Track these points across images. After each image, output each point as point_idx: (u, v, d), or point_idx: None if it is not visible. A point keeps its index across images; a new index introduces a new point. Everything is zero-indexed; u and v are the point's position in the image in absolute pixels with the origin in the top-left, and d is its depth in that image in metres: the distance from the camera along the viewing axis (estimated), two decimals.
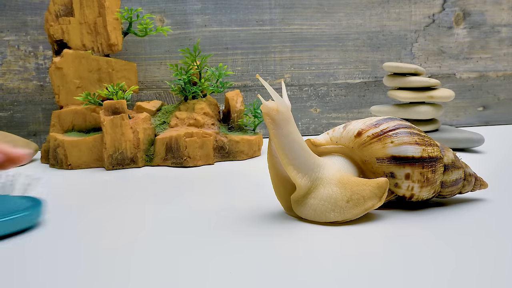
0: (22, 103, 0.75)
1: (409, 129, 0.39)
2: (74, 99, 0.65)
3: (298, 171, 0.37)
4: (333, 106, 0.84)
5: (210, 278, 0.28)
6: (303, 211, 0.37)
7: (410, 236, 0.34)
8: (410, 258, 0.30)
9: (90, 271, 0.29)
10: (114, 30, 0.65)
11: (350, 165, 0.39)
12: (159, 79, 0.78)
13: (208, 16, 0.78)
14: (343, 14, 0.82)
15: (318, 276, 0.28)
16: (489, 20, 0.86)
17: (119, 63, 0.66)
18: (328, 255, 0.30)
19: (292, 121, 0.37)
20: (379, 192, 0.36)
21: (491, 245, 0.32)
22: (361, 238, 0.33)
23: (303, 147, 0.37)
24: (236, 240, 0.34)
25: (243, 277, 0.28)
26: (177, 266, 0.30)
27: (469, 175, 0.41)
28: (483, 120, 0.89)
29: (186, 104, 0.64)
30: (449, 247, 0.31)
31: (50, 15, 0.65)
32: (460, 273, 0.28)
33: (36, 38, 0.74)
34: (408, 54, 0.85)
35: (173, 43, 0.77)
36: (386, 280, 0.27)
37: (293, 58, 0.81)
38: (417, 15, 0.84)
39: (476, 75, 0.87)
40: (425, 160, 0.38)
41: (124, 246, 0.33)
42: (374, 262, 0.29)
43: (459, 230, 0.35)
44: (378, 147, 0.38)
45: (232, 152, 0.63)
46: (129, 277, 0.28)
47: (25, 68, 0.75)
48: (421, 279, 0.27)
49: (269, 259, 0.30)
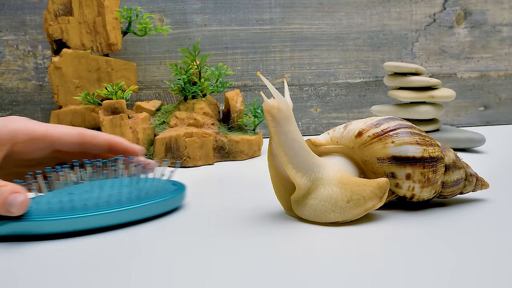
0: (21, 103, 0.75)
1: (410, 129, 0.39)
2: (73, 99, 0.65)
3: (297, 170, 0.37)
4: (333, 106, 0.84)
5: (210, 278, 0.28)
6: (303, 211, 0.37)
7: (410, 237, 0.34)
8: (411, 258, 0.30)
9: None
10: (114, 29, 0.65)
11: (350, 165, 0.39)
12: (159, 79, 0.78)
13: (208, 15, 0.78)
14: (344, 14, 0.82)
15: (318, 276, 0.28)
16: (490, 19, 0.86)
17: (118, 63, 0.66)
18: (328, 255, 0.31)
19: (293, 120, 0.37)
20: (379, 193, 0.36)
21: (492, 246, 0.32)
22: (362, 238, 0.33)
23: (303, 146, 0.37)
24: (236, 240, 0.34)
25: (243, 277, 0.28)
26: (177, 266, 0.30)
27: (470, 175, 0.41)
28: (484, 120, 0.89)
29: (186, 104, 0.64)
30: (449, 248, 0.31)
31: (49, 14, 0.65)
32: (461, 273, 0.28)
33: (35, 37, 0.74)
34: (409, 54, 0.85)
35: (172, 42, 0.77)
36: (386, 280, 0.27)
37: (294, 57, 0.81)
38: (418, 15, 0.84)
39: (477, 74, 0.87)
40: (426, 160, 0.38)
41: (127, 245, 0.33)
42: (374, 263, 0.29)
43: (460, 230, 0.35)
44: (379, 147, 0.38)
45: (232, 152, 0.63)
46: (129, 277, 0.28)
47: (24, 67, 0.75)
48: (421, 279, 0.27)
49: (269, 259, 0.30)
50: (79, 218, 0.35)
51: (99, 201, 0.36)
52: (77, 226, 0.35)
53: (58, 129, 0.40)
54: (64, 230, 0.35)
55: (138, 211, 0.37)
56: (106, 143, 0.42)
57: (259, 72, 0.36)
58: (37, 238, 0.35)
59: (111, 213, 0.36)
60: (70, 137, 0.40)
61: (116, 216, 0.36)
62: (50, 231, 0.34)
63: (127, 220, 0.37)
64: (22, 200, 0.33)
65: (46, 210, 0.35)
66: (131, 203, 0.37)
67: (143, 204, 0.37)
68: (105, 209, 0.36)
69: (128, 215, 0.37)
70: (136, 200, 0.38)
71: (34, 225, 0.34)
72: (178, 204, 0.41)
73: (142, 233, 0.36)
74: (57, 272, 0.29)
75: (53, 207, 0.35)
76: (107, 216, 0.36)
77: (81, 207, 0.35)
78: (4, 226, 0.34)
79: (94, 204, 0.36)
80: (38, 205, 0.35)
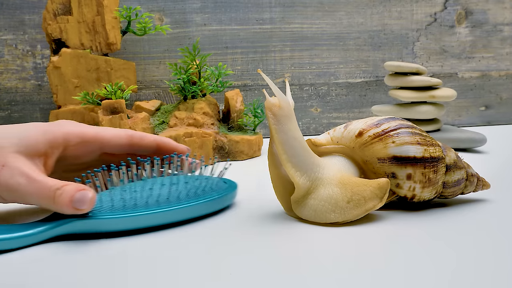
0: (20, 102, 0.75)
1: (411, 129, 0.39)
2: (72, 99, 0.65)
3: (296, 169, 0.37)
4: (333, 105, 0.84)
5: (209, 278, 0.28)
6: (303, 211, 0.37)
7: (411, 237, 0.34)
8: (411, 259, 0.30)
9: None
10: (113, 29, 0.65)
11: (351, 165, 0.39)
12: (158, 79, 0.78)
13: (208, 14, 0.78)
14: (344, 13, 0.82)
15: (318, 276, 0.28)
16: (492, 19, 0.86)
17: (117, 62, 0.66)
18: (328, 256, 0.31)
19: (294, 118, 0.37)
20: (380, 193, 0.36)
21: (493, 247, 0.32)
22: (362, 238, 0.33)
23: (303, 145, 0.37)
24: (236, 240, 0.34)
25: (243, 278, 0.28)
26: (177, 267, 0.30)
27: (471, 176, 0.41)
28: (485, 120, 0.89)
29: (186, 103, 0.64)
30: (450, 248, 0.31)
31: (48, 13, 0.65)
32: (461, 274, 0.28)
33: (34, 37, 0.74)
34: (410, 53, 0.85)
35: (172, 42, 0.77)
36: (387, 281, 0.27)
37: (294, 57, 0.81)
38: (419, 14, 0.84)
39: (478, 74, 0.87)
40: (427, 160, 0.38)
41: (120, 251, 0.33)
42: (375, 263, 0.29)
43: (461, 231, 0.35)
44: (380, 147, 0.38)
45: (232, 152, 0.63)
46: (127, 278, 0.28)
47: (22, 67, 0.75)
48: (421, 280, 0.27)
49: (269, 260, 0.30)
50: (142, 216, 0.35)
51: (159, 199, 0.36)
52: (140, 223, 0.35)
53: (108, 131, 0.40)
54: (127, 228, 0.35)
55: (195, 209, 0.38)
56: (154, 144, 0.42)
57: (259, 70, 0.36)
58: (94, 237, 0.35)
59: (172, 211, 0.36)
60: (120, 139, 0.40)
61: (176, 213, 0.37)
62: (114, 229, 0.35)
63: (185, 218, 0.37)
64: (91, 196, 0.34)
65: (109, 208, 0.35)
66: (190, 201, 0.38)
67: (201, 201, 0.38)
68: (165, 207, 0.36)
69: (186, 213, 0.37)
70: (194, 197, 0.38)
71: (99, 223, 0.34)
72: (231, 202, 0.42)
73: (144, 234, 0.36)
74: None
75: (116, 205, 0.35)
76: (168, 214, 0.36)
77: (143, 205, 0.36)
78: (68, 224, 0.34)
79: (155, 201, 0.36)
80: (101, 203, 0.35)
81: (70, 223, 0.34)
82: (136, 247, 0.33)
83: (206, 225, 0.37)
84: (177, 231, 0.36)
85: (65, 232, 0.34)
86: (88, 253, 0.32)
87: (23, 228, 0.33)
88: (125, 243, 0.34)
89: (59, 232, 0.34)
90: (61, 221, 0.34)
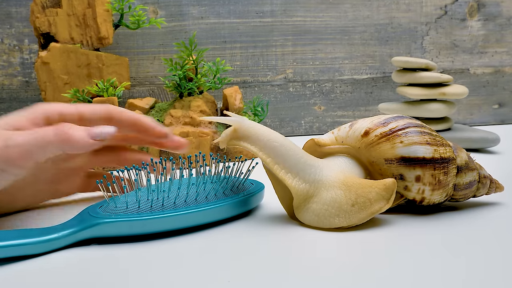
0: (6, 100, 0.75)
1: (420, 128, 0.39)
2: (61, 96, 0.65)
3: (286, 170, 0.37)
4: (338, 103, 0.84)
5: (207, 285, 0.28)
6: (306, 217, 0.37)
7: (420, 244, 0.33)
8: (419, 267, 0.30)
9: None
10: (105, 22, 0.65)
11: (356, 166, 0.39)
12: (153, 75, 0.78)
13: (205, 7, 0.78)
14: (349, 5, 0.82)
15: (322, 283, 0.28)
16: (505, 11, 0.86)
17: (109, 58, 0.66)
18: (333, 262, 0.30)
19: (256, 126, 0.38)
20: (386, 194, 0.36)
21: (507, 254, 0.31)
22: (367, 244, 0.33)
23: (285, 144, 0.37)
24: (236, 244, 0.34)
25: (242, 284, 0.28)
26: (176, 269, 0.30)
27: (484, 177, 0.41)
28: (498, 119, 0.89)
29: (182, 101, 0.64)
30: (462, 256, 0.31)
31: (36, 6, 0.65)
32: (471, 285, 0.27)
33: (21, 31, 0.74)
34: (419, 48, 0.85)
35: (167, 36, 0.77)
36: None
37: (296, 52, 0.81)
38: (428, 6, 0.84)
39: (491, 70, 0.87)
40: (436, 161, 0.38)
41: (116, 253, 0.33)
42: (381, 271, 0.29)
43: (473, 237, 0.35)
44: (387, 147, 0.38)
45: (231, 153, 0.63)
46: (126, 279, 0.28)
47: (9, 63, 0.75)
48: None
49: (271, 265, 0.30)
50: (170, 217, 0.35)
51: (188, 199, 0.37)
52: (168, 226, 0.35)
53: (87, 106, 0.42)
54: (157, 230, 0.35)
55: (224, 210, 0.38)
56: (132, 120, 0.43)
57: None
58: (115, 241, 0.35)
59: (202, 212, 0.37)
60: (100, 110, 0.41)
61: (206, 214, 0.37)
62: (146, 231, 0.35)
63: (213, 219, 0.38)
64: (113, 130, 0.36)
65: (136, 209, 0.35)
66: (218, 202, 0.38)
67: (229, 202, 0.38)
68: (194, 207, 0.36)
69: (215, 214, 0.38)
70: (222, 198, 0.39)
71: (129, 224, 0.34)
72: (259, 203, 0.42)
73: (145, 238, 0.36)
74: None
75: (143, 206, 0.35)
76: (197, 215, 0.37)
77: (171, 206, 0.36)
78: (92, 228, 0.34)
79: (182, 202, 0.37)
80: (127, 205, 0.35)
81: (93, 227, 0.34)
82: (151, 252, 0.33)
83: (204, 229, 0.37)
84: (180, 235, 0.36)
85: (91, 236, 0.34)
86: (99, 254, 0.32)
87: (46, 232, 0.34)
88: (141, 248, 0.34)
89: (84, 236, 0.34)
90: (86, 223, 0.34)
